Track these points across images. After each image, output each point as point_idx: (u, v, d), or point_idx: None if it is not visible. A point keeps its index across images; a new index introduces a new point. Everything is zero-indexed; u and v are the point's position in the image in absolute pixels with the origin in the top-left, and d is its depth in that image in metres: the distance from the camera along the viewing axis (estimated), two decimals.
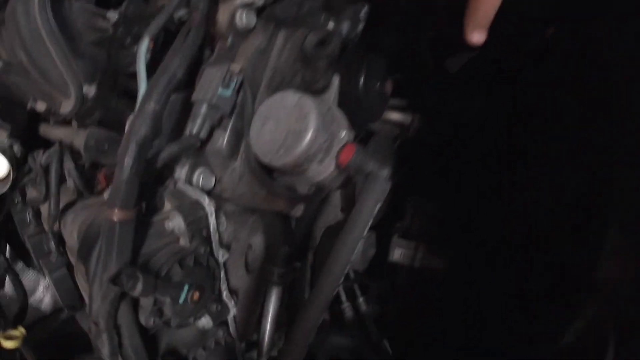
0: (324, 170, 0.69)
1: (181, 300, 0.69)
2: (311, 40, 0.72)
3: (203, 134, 0.69)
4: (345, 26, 0.78)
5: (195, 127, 0.68)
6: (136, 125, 0.61)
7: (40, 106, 0.83)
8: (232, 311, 0.81)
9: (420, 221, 1.02)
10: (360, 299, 1.09)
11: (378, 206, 0.65)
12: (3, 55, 0.83)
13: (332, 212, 0.98)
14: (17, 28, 0.76)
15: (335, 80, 0.74)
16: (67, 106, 0.77)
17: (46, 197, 0.91)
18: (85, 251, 0.68)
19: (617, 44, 0.77)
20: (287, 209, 0.87)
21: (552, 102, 0.93)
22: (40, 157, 0.91)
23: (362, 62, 0.80)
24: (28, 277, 1.15)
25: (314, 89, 0.72)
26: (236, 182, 0.74)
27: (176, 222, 0.69)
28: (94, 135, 0.76)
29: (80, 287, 0.86)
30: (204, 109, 0.68)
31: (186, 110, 0.72)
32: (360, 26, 0.79)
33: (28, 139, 0.94)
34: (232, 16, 0.75)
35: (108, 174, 0.82)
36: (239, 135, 0.73)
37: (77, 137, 0.80)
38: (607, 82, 0.79)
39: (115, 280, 0.60)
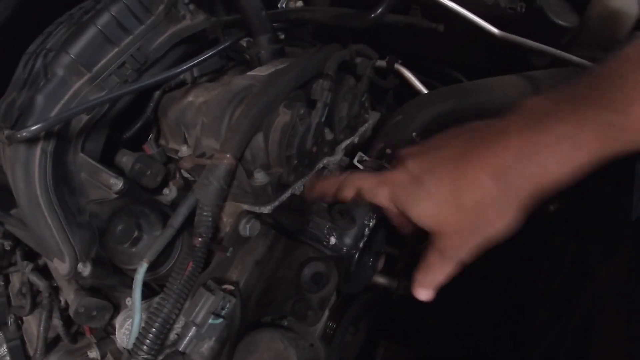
0: None
1: None
2: (307, 273, 0.73)
3: (188, 351, 0.71)
4: (346, 244, 0.79)
5: (182, 345, 0.71)
6: None
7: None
8: None
9: None
10: None
11: None
12: None
13: None
14: (16, 190, 0.74)
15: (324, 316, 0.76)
16: (60, 268, 0.77)
17: (30, 312, 0.94)
18: None
19: None
20: None
21: None
22: (29, 270, 0.93)
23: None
24: None
25: (303, 320, 0.74)
26: None
27: None
28: (83, 303, 0.78)
29: None
30: (192, 332, 0.70)
31: None
32: (363, 242, 0.80)
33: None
34: (236, 224, 0.75)
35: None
36: (223, 343, 0.75)
37: (69, 295, 0.81)
38: None
39: None
